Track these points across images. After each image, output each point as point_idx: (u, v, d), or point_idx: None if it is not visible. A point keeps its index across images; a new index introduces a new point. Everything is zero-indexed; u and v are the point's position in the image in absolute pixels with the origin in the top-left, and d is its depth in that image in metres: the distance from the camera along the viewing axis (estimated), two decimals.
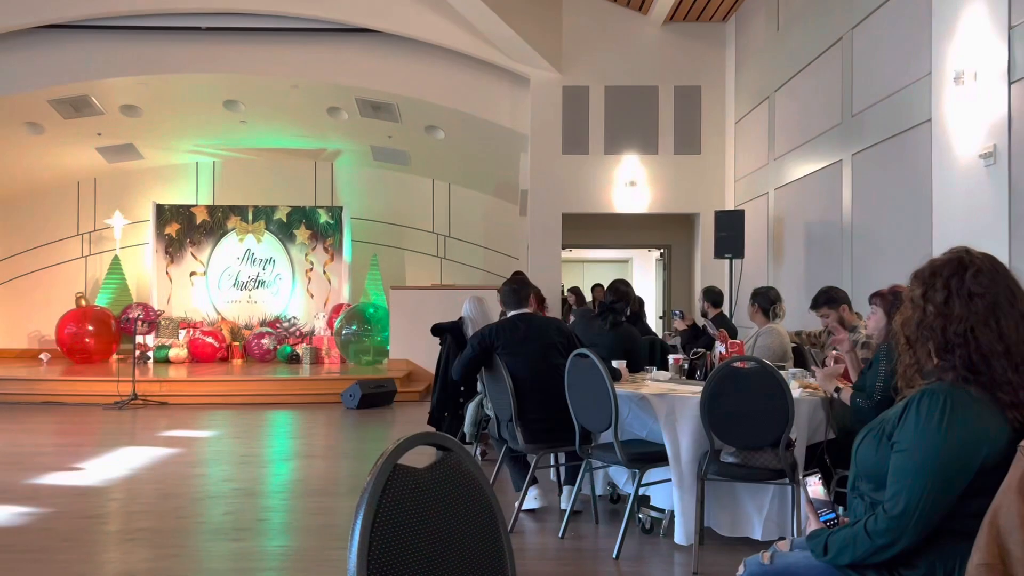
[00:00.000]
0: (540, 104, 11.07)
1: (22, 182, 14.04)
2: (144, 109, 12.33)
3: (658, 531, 4.44)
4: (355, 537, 1.21)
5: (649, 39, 11.16)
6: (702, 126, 11.16)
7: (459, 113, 11.52)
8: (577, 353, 4.27)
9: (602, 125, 11.09)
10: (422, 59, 11.26)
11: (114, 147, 13.58)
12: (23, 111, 11.90)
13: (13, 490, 5.49)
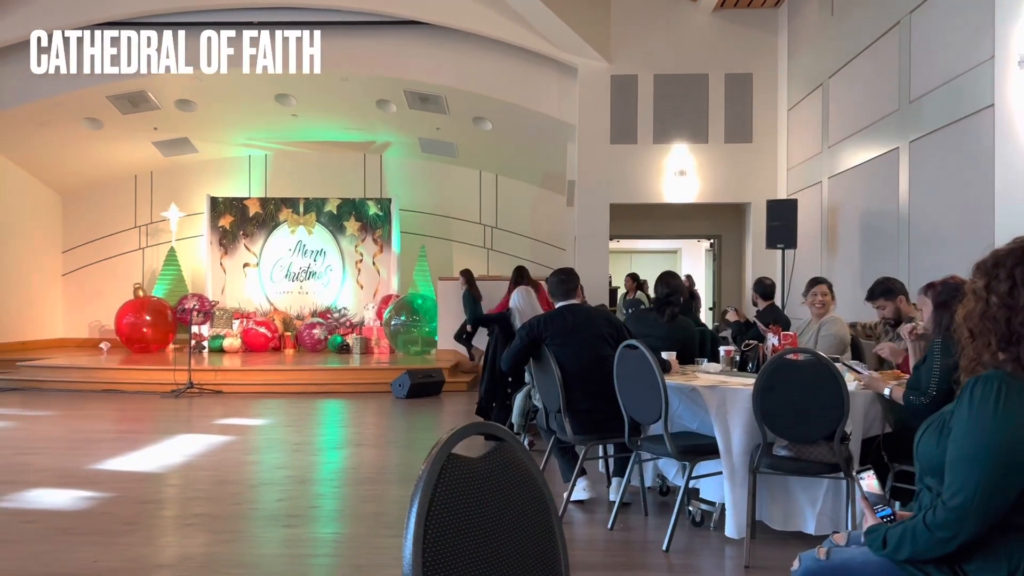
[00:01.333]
0: (588, 94, 11.00)
1: (82, 176, 14.44)
2: (198, 103, 12.57)
3: (708, 524, 4.40)
4: (410, 525, 1.22)
5: (699, 26, 11.00)
6: (753, 114, 10.98)
7: (506, 104, 11.52)
8: (626, 344, 4.25)
9: (651, 114, 10.98)
10: (470, 50, 11.27)
11: (169, 141, 13.88)
12: (83, 107, 12.23)
13: (76, 475, 5.66)
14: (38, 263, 14.07)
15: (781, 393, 3.73)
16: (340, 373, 10.91)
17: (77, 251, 14.81)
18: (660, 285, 5.34)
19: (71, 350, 13.72)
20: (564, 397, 4.56)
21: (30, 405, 9.16)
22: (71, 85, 11.54)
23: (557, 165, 12.95)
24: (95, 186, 14.72)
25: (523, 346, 4.75)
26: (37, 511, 4.74)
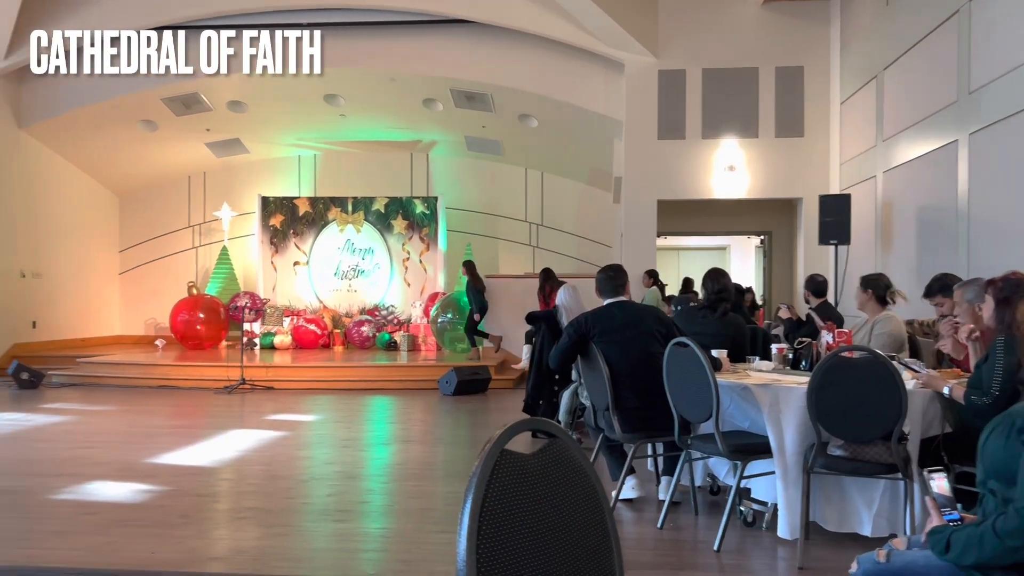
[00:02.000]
0: (635, 89, 10.91)
1: (138, 177, 14.80)
2: (249, 104, 12.78)
3: (760, 524, 4.33)
4: (464, 521, 1.22)
5: (748, 20, 10.83)
6: (805, 108, 10.78)
7: (552, 101, 11.49)
8: (676, 342, 4.20)
9: (699, 109, 10.85)
10: (516, 48, 11.27)
11: (222, 142, 14.15)
12: (139, 109, 12.53)
13: (134, 468, 5.80)
14: (96, 262, 14.46)
15: (836, 391, 3.65)
16: (388, 370, 11.00)
17: (133, 250, 15.19)
18: (709, 282, 5.26)
19: (128, 347, 14.08)
20: (612, 395, 4.53)
21: (89, 400, 9.42)
22: (127, 88, 11.84)
23: (603, 162, 12.88)
24: (150, 187, 15.08)
25: (571, 343, 4.72)
26: (98, 503, 4.86)
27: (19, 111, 12.24)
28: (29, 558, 3.86)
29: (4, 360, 11.64)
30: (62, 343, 13.21)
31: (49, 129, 12.50)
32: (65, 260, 13.46)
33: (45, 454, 6.41)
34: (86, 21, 11.31)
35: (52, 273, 13.10)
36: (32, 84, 12.18)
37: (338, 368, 11.02)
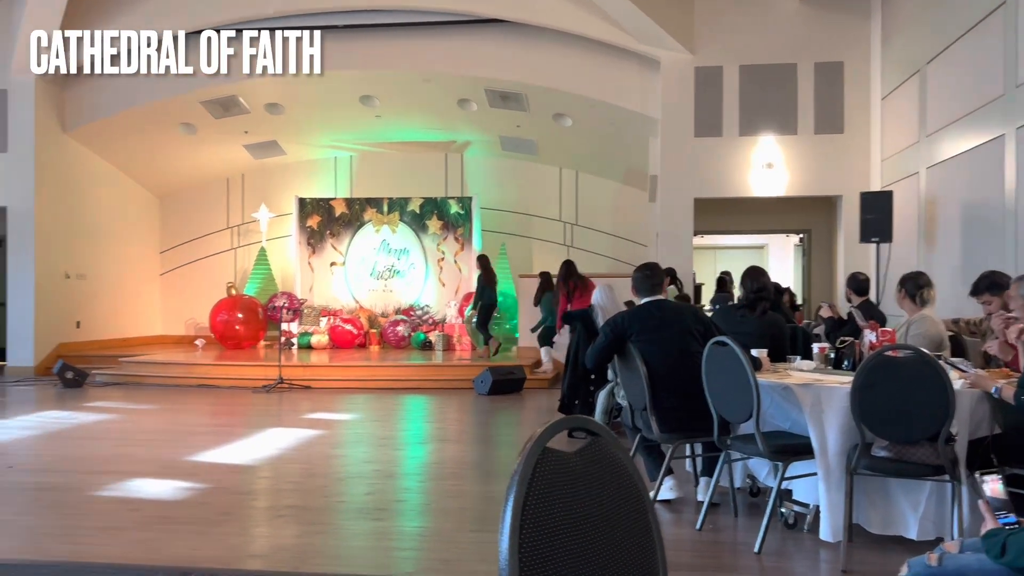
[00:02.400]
0: (671, 87, 10.82)
1: (178, 180, 15.03)
2: (286, 107, 12.91)
3: (802, 526, 4.26)
4: (506, 519, 1.20)
5: (786, 15, 10.68)
6: (845, 103, 10.60)
7: (587, 99, 11.44)
8: (716, 341, 4.14)
9: (737, 106, 10.72)
10: (550, 47, 11.24)
11: (259, 144, 14.31)
12: (179, 113, 12.73)
13: (175, 466, 5.88)
14: (138, 263, 14.72)
15: (881, 391, 3.57)
16: (423, 369, 11.04)
17: (173, 251, 15.42)
18: (748, 280, 5.19)
19: (169, 347, 14.31)
20: (650, 395, 4.48)
21: (132, 399, 9.58)
22: (167, 91, 12.03)
23: (639, 160, 12.79)
24: (190, 189, 15.30)
25: (608, 343, 4.69)
26: (140, 500, 4.94)
27: (63, 115, 12.49)
28: (75, 553, 3.93)
29: (50, 359, 11.89)
30: (105, 343, 13.46)
31: (92, 133, 12.74)
32: (108, 261, 13.71)
33: (89, 451, 6.53)
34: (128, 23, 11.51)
35: (95, 274, 13.36)
36: (76, 89, 12.43)
37: (374, 368, 11.09)
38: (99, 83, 12.30)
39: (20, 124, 11.93)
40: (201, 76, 11.87)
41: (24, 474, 5.65)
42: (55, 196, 12.34)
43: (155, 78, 11.95)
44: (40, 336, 12.08)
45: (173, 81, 11.99)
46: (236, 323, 13.25)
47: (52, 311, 12.30)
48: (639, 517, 1.42)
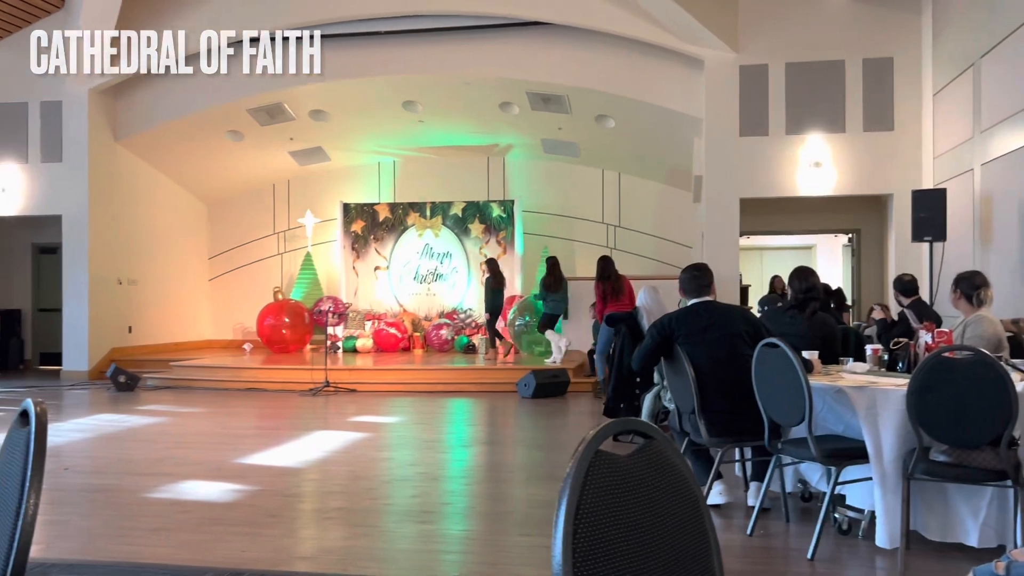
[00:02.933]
0: (715, 86, 10.69)
1: (226, 186, 15.29)
2: (331, 113, 13.06)
3: (857, 532, 4.15)
4: (559, 523, 1.17)
5: (833, 11, 10.49)
6: (895, 100, 10.36)
7: (630, 100, 11.36)
8: (766, 343, 4.06)
9: (783, 104, 10.55)
10: (591, 48, 11.19)
11: (304, 151, 14.50)
12: (226, 120, 12.95)
13: (224, 468, 5.96)
14: (187, 269, 15.00)
15: (939, 394, 3.46)
16: (466, 373, 11.05)
17: (221, 257, 15.69)
18: (796, 280, 5.08)
19: (217, 351, 14.54)
20: (698, 398, 4.41)
21: (182, 402, 9.75)
22: (215, 100, 12.25)
23: (683, 160, 12.67)
24: (237, 195, 15.55)
25: (654, 345, 4.63)
26: (191, 502, 5.01)
27: (115, 125, 12.79)
28: (127, 554, 4.00)
29: (103, 364, 12.17)
30: (156, 347, 13.74)
31: (143, 142, 13.03)
32: (158, 267, 14.00)
33: (141, 454, 6.65)
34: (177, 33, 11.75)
35: (147, 280, 13.65)
36: (127, 99, 12.72)
37: (418, 371, 11.13)
38: (149, 93, 12.59)
39: (74, 135, 12.25)
40: (247, 84, 12.11)
41: (79, 475, 5.78)
42: (107, 204, 12.64)
43: (203, 87, 12.24)
44: (94, 341, 12.37)
45: (220, 89, 12.24)
46: (283, 327, 13.42)
47: (105, 317, 12.59)
48: (695, 522, 1.38)
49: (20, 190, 12.44)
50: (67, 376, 12.21)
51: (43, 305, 14.34)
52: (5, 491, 1.35)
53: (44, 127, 12.36)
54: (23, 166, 12.45)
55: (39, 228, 13.59)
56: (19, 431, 1.43)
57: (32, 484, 1.28)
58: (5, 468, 1.42)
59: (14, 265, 14.33)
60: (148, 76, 12.37)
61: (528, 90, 11.86)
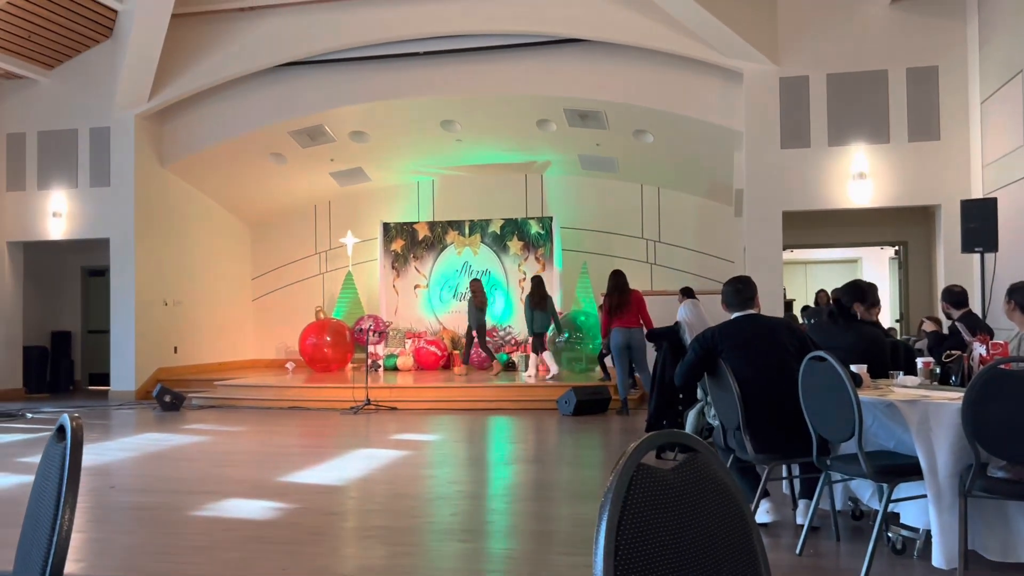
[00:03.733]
0: (755, 99, 10.57)
1: (268, 208, 15.52)
2: (370, 134, 13.20)
3: (911, 552, 4.00)
4: (600, 540, 1.13)
5: (875, 20, 10.32)
6: (940, 109, 10.14)
7: (668, 115, 11.29)
8: (813, 356, 3.95)
9: (825, 116, 10.39)
10: (629, 63, 11.16)
11: (345, 171, 14.66)
12: (268, 143, 13.17)
13: (266, 486, 5.99)
14: (231, 290, 15.22)
15: (997, 407, 3.33)
16: (507, 390, 11.01)
17: (264, 278, 15.90)
18: (848, 292, 4.96)
19: (261, 370, 14.71)
20: (743, 413, 4.31)
21: (225, 421, 9.85)
22: (258, 123, 12.48)
23: (723, 174, 12.54)
24: (279, 216, 15.77)
25: (697, 359, 4.54)
26: (234, 519, 5.03)
27: (160, 150, 13.08)
28: (169, 572, 4.02)
29: (149, 384, 12.38)
30: (201, 367, 13.93)
31: (187, 165, 13.30)
32: (203, 288, 14.23)
33: (186, 472, 6.72)
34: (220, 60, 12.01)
35: (191, 301, 13.88)
36: (172, 124, 13.01)
37: (458, 388, 11.12)
38: (193, 118, 12.86)
39: (121, 160, 12.55)
40: (289, 106, 12.33)
41: (125, 494, 5.84)
42: (153, 227, 12.90)
43: (246, 111, 12.49)
44: (141, 361, 12.59)
45: (263, 113, 12.48)
46: (325, 346, 13.52)
47: (152, 337, 12.81)
48: (743, 539, 1.32)
49: (70, 214, 12.77)
50: (115, 396, 12.44)
51: (92, 327, 14.65)
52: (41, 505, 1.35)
53: (93, 153, 12.69)
54: (73, 191, 12.78)
55: (88, 251, 13.92)
56: (55, 446, 1.42)
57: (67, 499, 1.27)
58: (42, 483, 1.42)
59: (64, 288, 14.68)
60: (192, 101, 12.66)
61: (565, 107, 11.86)
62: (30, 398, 12.84)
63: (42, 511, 1.32)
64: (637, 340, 9.33)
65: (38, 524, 1.32)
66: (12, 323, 13.01)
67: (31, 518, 1.40)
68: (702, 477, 1.30)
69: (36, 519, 1.35)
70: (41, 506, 1.33)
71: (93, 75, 12.52)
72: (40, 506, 1.34)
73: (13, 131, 12.92)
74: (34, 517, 1.37)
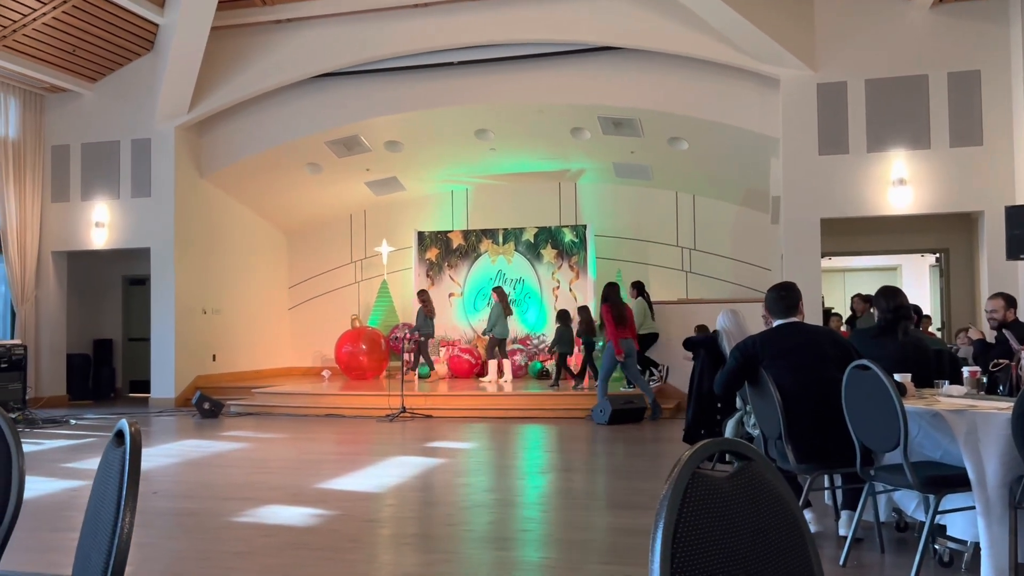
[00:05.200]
0: (792, 105, 10.47)
1: (305, 217, 15.70)
2: (405, 144, 13.30)
3: (959, 565, 3.92)
4: (656, 548, 1.12)
5: (915, 24, 10.18)
6: (983, 114, 9.96)
7: (703, 122, 11.23)
8: (856, 365, 3.90)
9: (863, 122, 10.26)
10: (663, 71, 11.12)
11: (380, 181, 14.78)
12: (305, 153, 13.33)
13: (305, 493, 6.04)
14: (268, 298, 15.40)
15: None
16: (541, 399, 10.99)
17: (301, 286, 16.06)
18: (882, 300, 4.86)
19: (297, 378, 14.85)
20: (785, 422, 4.25)
21: (263, 428, 9.96)
22: (295, 133, 12.64)
23: (759, 181, 12.43)
24: (316, 226, 15.94)
25: (737, 368, 4.49)
26: (273, 526, 5.07)
27: (200, 161, 13.29)
28: None
29: (189, 391, 12.55)
30: (239, 375, 14.10)
31: (226, 177, 13.50)
32: (241, 297, 14.41)
33: (225, 478, 6.80)
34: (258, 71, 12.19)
35: (229, 309, 14.06)
36: (211, 136, 13.23)
37: (492, 397, 11.12)
38: (232, 129, 13.06)
39: (162, 171, 12.77)
40: (325, 117, 12.47)
41: (167, 499, 5.93)
42: (193, 236, 13.11)
43: (283, 122, 12.66)
44: (180, 369, 12.77)
45: (300, 124, 12.64)
46: (360, 354, 13.62)
47: (191, 345, 13.00)
48: (798, 548, 1.30)
49: (112, 224, 13.02)
50: (155, 403, 12.63)
51: (133, 335, 14.91)
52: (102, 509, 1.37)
53: (134, 164, 12.93)
54: (115, 202, 13.03)
55: (129, 260, 14.17)
56: (114, 451, 1.45)
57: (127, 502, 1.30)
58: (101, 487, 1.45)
59: (106, 296, 14.96)
60: (230, 113, 12.86)
61: (600, 115, 11.85)
62: (73, 405, 13.09)
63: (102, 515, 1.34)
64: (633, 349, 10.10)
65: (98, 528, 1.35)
66: (56, 331, 13.29)
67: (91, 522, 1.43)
68: (756, 485, 1.29)
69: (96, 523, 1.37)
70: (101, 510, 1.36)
71: (135, 88, 12.78)
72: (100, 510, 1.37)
73: (58, 143, 13.22)
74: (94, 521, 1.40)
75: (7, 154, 12.47)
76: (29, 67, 11.82)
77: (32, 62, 11.81)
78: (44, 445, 8.74)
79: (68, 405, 13.02)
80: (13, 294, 12.63)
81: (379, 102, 12.27)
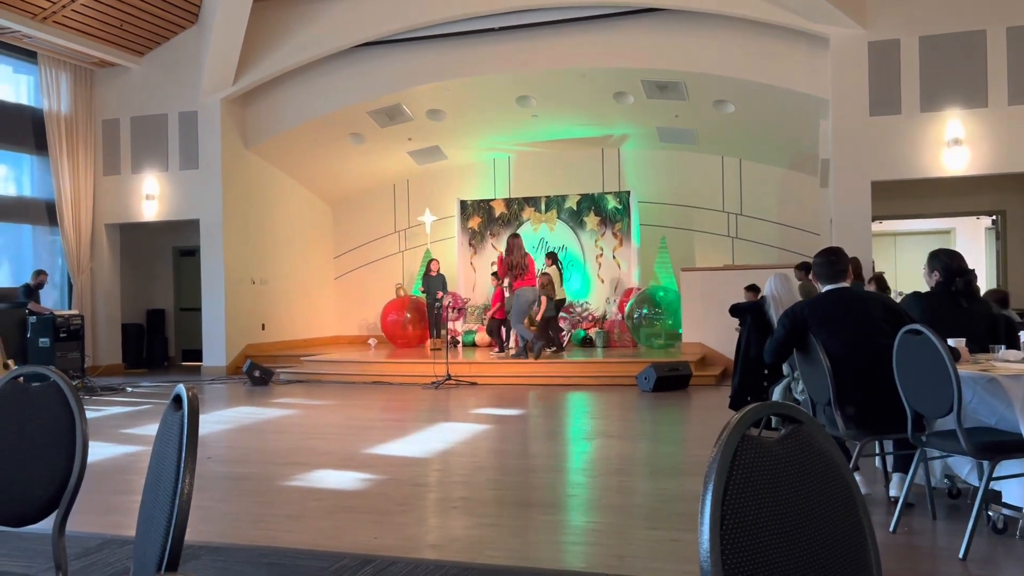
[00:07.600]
0: (842, 65, 10.19)
1: (348, 187, 15.81)
2: (447, 112, 13.27)
3: (1014, 531, 3.86)
4: (706, 511, 1.12)
5: None
6: None
7: (750, 84, 10.99)
8: (908, 329, 3.82)
9: (917, 80, 9.94)
10: (708, 32, 10.89)
11: (422, 150, 14.80)
12: (348, 124, 13.39)
13: (355, 458, 6.16)
14: (315, 268, 15.60)
15: None
16: (585, 366, 11.01)
17: (346, 256, 16.23)
18: (936, 261, 4.72)
19: (344, 346, 15.07)
20: (834, 389, 4.20)
21: (312, 395, 10.15)
22: (339, 103, 12.70)
23: (807, 144, 12.16)
24: (359, 196, 16.05)
25: (786, 335, 4.43)
26: (324, 490, 5.19)
27: (245, 133, 13.44)
28: (266, 538, 4.18)
29: (239, 359, 12.82)
30: (287, 343, 14.35)
31: (271, 147, 13.63)
32: (288, 267, 14.62)
33: (277, 444, 6.97)
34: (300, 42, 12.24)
35: (277, 279, 14.28)
36: (255, 107, 13.35)
37: (535, 364, 11.16)
38: (276, 100, 13.16)
39: (208, 143, 12.95)
40: (368, 87, 12.49)
41: (221, 464, 6.10)
42: (240, 208, 13.30)
43: (326, 92, 12.72)
44: (231, 338, 13.04)
45: (342, 93, 12.68)
46: (405, 323, 13.75)
47: (240, 315, 13.26)
48: (849, 512, 1.29)
49: (162, 197, 13.27)
50: (207, 372, 12.94)
51: (184, 305, 15.24)
52: (162, 471, 1.42)
53: (182, 137, 13.13)
54: (164, 174, 13.27)
55: (179, 232, 14.45)
56: (173, 415, 1.49)
57: (187, 463, 1.34)
58: (161, 450, 1.49)
59: (158, 268, 15.30)
60: (273, 84, 12.95)
61: (643, 78, 11.67)
62: (129, 373, 13.47)
63: (163, 476, 1.39)
64: None
65: (159, 488, 1.39)
66: (111, 302, 13.65)
67: (152, 484, 1.48)
68: (807, 448, 1.28)
69: (157, 484, 1.42)
70: (162, 472, 1.41)
71: (181, 61, 12.93)
72: (161, 472, 1.41)
73: (108, 118, 13.47)
74: (155, 482, 1.44)
75: (60, 129, 12.76)
76: (78, 42, 12.02)
77: (81, 37, 12.01)
78: (103, 412, 9.03)
79: (124, 373, 13.41)
80: (69, 266, 12.99)
81: (420, 70, 12.24)
